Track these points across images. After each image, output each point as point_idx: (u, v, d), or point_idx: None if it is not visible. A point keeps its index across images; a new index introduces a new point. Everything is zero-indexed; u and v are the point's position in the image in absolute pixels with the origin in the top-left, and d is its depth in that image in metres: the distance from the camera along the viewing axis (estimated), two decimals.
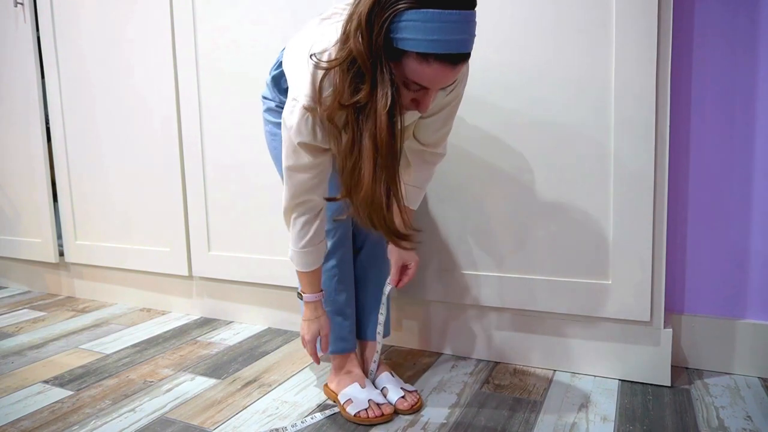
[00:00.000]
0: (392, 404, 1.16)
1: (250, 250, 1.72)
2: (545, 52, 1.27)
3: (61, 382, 1.37)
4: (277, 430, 1.10)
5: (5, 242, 2.33)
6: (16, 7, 2.07)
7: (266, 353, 1.52)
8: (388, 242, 1.22)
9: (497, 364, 1.41)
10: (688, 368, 1.34)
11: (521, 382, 1.30)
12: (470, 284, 1.41)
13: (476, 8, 0.84)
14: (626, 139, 1.22)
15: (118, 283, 2.06)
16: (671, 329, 1.25)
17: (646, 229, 1.22)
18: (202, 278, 1.86)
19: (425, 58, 0.83)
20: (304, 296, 1.15)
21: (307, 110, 0.95)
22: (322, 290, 1.16)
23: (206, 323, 1.80)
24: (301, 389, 1.29)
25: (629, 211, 1.23)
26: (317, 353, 1.18)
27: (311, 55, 0.93)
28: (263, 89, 1.22)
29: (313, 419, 1.15)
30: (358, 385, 1.18)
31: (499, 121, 1.34)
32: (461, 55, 0.84)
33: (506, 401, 1.21)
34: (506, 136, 1.34)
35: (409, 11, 0.80)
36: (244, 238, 1.72)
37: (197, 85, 1.73)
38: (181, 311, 1.92)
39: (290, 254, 1.11)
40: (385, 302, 1.24)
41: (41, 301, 2.15)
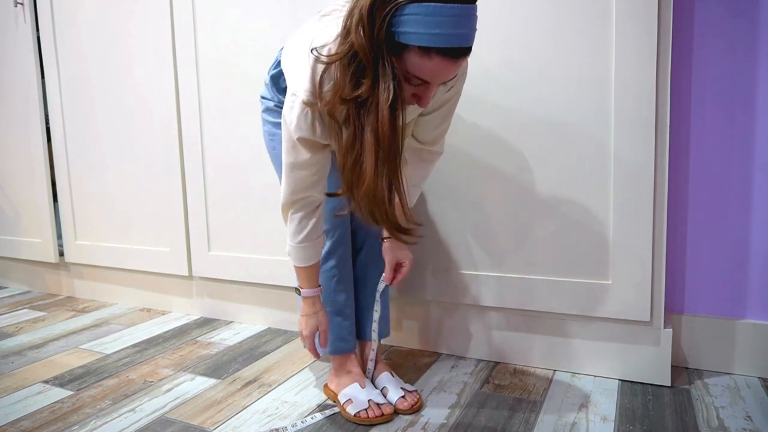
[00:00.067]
0: (392, 404, 1.16)
1: (250, 250, 1.72)
2: (545, 51, 1.27)
3: (61, 382, 1.37)
4: (277, 430, 1.10)
5: (5, 242, 2.33)
6: (16, 7, 2.07)
7: (266, 353, 1.52)
8: (382, 240, 1.22)
9: (497, 364, 1.41)
10: (688, 368, 1.34)
11: (521, 382, 1.30)
12: (470, 284, 1.41)
13: (477, 3, 0.84)
14: (626, 139, 1.22)
15: (118, 283, 2.06)
16: (671, 329, 1.25)
17: (646, 228, 1.22)
18: (202, 278, 1.86)
19: (427, 51, 0.83)
20: (301, 291, 1.15)
21: (306, 105, 0.95)
22: (320, 285, 1.16)
23: (206, 323, 1.80)
24: (301, 389, 1.29)
25: (629, 210, 1.23)
26: (316, 349, 1.18)
27: (312, 49, 0.93)
28: (262, 89, 1.22)
29: (313, 419, 1.15)
30: (358, 385, 1.18)
31: (499, 120, 1.34)
32: (463, 49, 0.85)
33: (506, 401, 1.21)
34: (506, 135, 1.34)
35: (410, 5, 0.81)
36: (244, 238, 1.72)
37: (197, 85, 1.73)
38: (181, 311, 1.92)
39: (288, 249, 1.11)
40: (379, 299, 1.24)
41: (41, 301, 2.15)
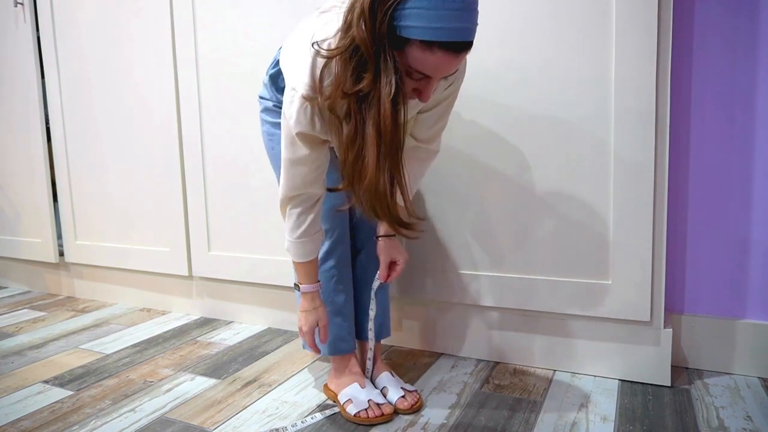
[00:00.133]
0: (392, 404, 1.16)
1: (250, 250, 1.72)
2: (545, 51, 1.27)
3: (61, 382, 1.37)
4: (277, 430, 1.10)
5: (5, 242, 2.33)
6: (16, 7, 2.07)
7: (266, 353, 1.52)
8: (376, 239, 1.22)
9: (497, 364, 1.41)
10: (688, 368, 1.34)
11: (521, 382, 1.30)
12: (470, 284, 1.41)
13: None
14: (626, 138, 1.22)
15: (118, 283, 2.06)
16: (671, 329, 1.25)
17: (646, 228, 1.22)
18: (202, 278, 1.86)
19: (429, 46, 0.83)
20: (300, 287, 1.14)
21: (306, 99, 0.94)
22: (318, 281, 1.16)
23: (206, 323, 1.80)
24: (301, 389, 1.29)
25: (629, 210, 1.23)
26: (316, 344, 1.17)
27: (313, 43, 0.93)
28: (260, 89, 1.22)
29: (313, 419, 1.15)
30: (357, 385, 1.18)
31: (499, 120, 1.34)
32: (464, 43, 0.85)
33: (506, 401, 1.21)
34: (506, 135, 1.34)
35: None
36: (244, 238, 1.72)
37: (197, 85, 1.73)
38: (181, 311, 1.92)
39: (286, 245, 1.10)
40: (374, 298, 1.24)
41: (41, 301, 2.15)
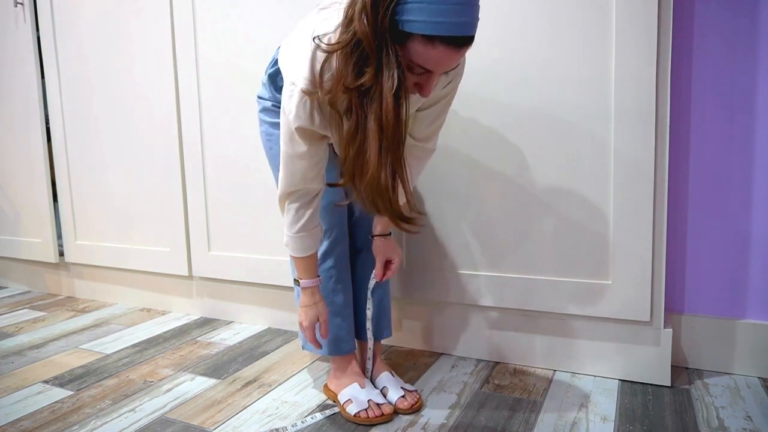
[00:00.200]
0: (392, 404, 1.16)
1: (250, 250, 1.72)
2: (545, 50, 1.27)
3: (61, 382, 1.37)
4: (277, 430, 1.10)
5: (5, 242, 2.33)
6: (16, 7, 2.07)
7: (266, 353, 1.52)
8: (372, 238, 1.22)
9: (497, 364, 1.41)
10: (688, 368, 1.34)
11: (521, 382, 1.30)
12: (470, 284, 1.41)
13: None
14: (626, 138, 1.22)
15: (118, 283, 2.06)
16: (671, 329, 1.25)
17: (646, 228, 1.22)
18: (202, 278, 1.86)
19: (431, 40, 0.83)
20: (300, 282, 1.14)
21: (305, 94, 0.94)
22: (318, 276, 1.15)
23: (206, 323, 1.80)
24: (301, 389, 1.29)
25: (629, 210, 1.23)
26: (317, 339, 1.17)
27: (314, 37, 0.92)
28: (259, 89, 1.22)
29: (313, 419, 1.15)
30: (357, 385, 1.18)
31: (499, 119, 1.34)
32: (466, 37, 0.85)
33: (506, 401, 1.21)
34: (506, 134, 1.34)
35: None
36: (244, 238, 1.72)
37: (197, 84, 1.73)
38: (181, 311, 1.92)
39: (285, 240, 1.10)
40: (371, 297, 1.24)
41: (41, 301, 2.15)
